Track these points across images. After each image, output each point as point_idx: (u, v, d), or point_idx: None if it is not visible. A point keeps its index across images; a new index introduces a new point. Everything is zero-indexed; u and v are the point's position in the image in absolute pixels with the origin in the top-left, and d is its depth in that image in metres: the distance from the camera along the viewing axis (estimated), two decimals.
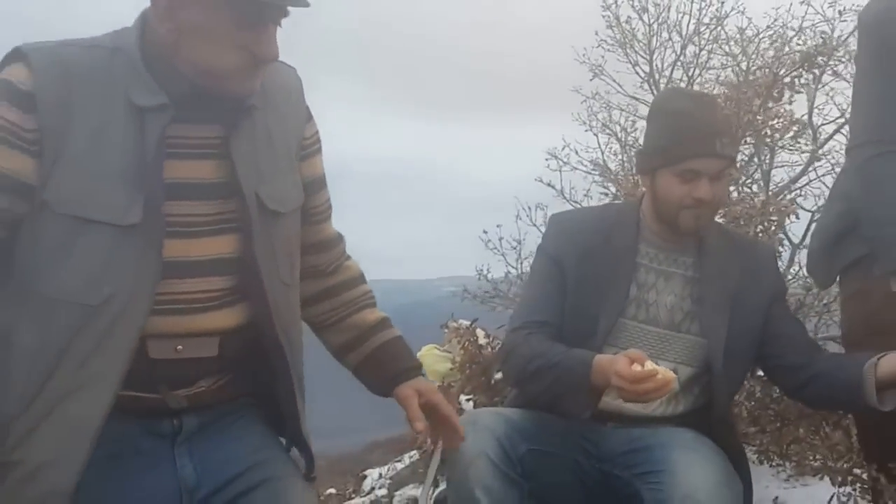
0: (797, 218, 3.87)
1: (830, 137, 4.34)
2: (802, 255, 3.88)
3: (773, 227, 3.68)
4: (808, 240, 3.78)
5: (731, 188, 3.93)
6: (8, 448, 1.74)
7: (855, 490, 2.95)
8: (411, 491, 4.16)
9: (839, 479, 2.99)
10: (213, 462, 1.88)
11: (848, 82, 3.96)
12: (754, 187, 4.42)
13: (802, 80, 4.06)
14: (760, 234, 3.57)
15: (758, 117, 3.84)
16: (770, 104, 3.87)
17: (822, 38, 4.26)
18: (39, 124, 1.72)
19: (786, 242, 4.05)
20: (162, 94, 1.77)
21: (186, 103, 1.79)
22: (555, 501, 2.54)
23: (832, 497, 3.01)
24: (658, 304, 2.59)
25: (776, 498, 3.25)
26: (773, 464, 3.44)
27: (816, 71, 4.16)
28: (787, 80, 4.00)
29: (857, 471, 2.95)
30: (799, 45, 4.41)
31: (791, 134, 4.29)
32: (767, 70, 4.14)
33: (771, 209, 3.53)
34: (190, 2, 1.74)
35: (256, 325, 1.89)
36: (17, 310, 1.75)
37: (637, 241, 2.63)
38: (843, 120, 4.17)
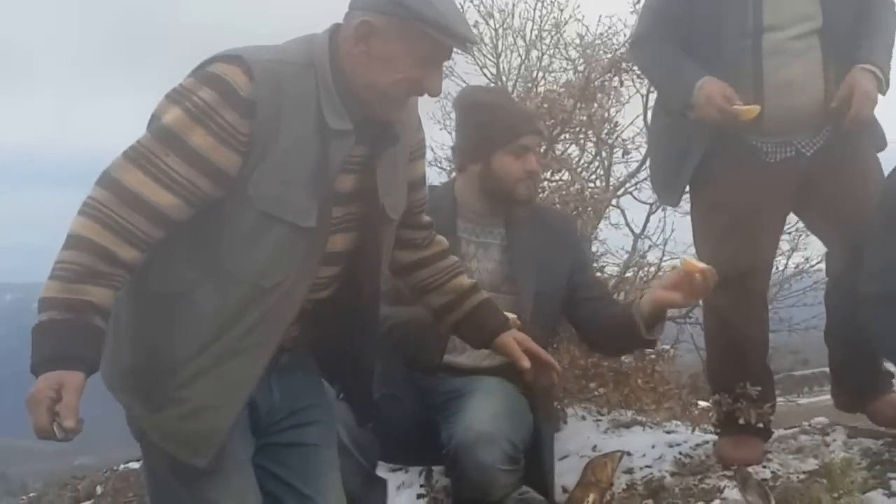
0: (616, 206, 4.43)
1: None
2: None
3: (590, 212, 4.19)
4: (647, 230, 4.50)
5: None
6: (175, 385, 2.07)
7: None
8: None
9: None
10: (290, 392, 2.34)
11: None
12: (597, 182, 4.89)
13: (614, 84, 4.54)
14: (579, 218, 4.07)
15: (573, 116, 4.30)
16: (583, 105, 4.34)
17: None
18: (252, 130, 2.02)
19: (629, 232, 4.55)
20: (348, 120, 2.11)
21: (357, 126, 2.13)
22: (401, 445, 2.99)
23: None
24: (480, 270, 3.11)
25: (595, 446, 3.73)
26: (595, 419, 3.97)
27: (624, 75, 4.67)
28: (597, 83, 4.49)
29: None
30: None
31: (606, 131, 4.78)
32: (580, 74, 4.62)
33: (587, 194, 4.03)
34: (388, 31, 2.05)
35: (360, 299, 2.31)
36: (203, 275, 2.08)
37: (455, 219, 3.10)
38: None
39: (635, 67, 4.53)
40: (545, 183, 4.22)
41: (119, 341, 2.09)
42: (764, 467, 3.33)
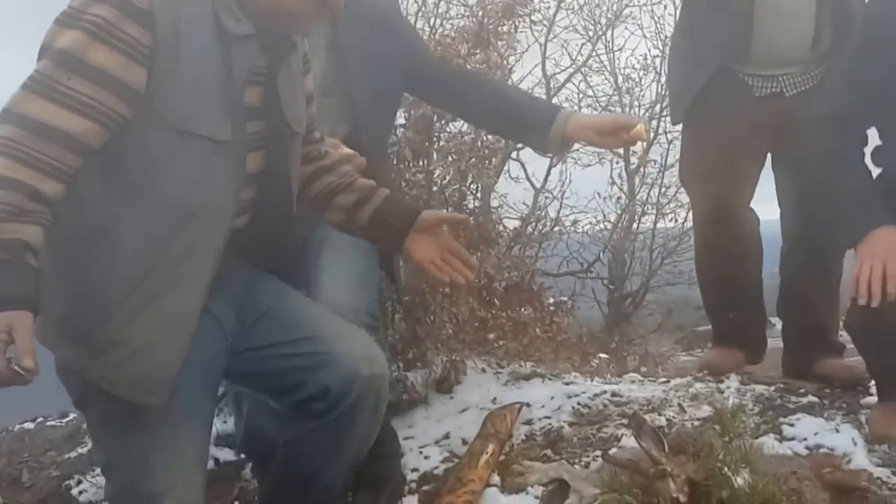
0: (516, 160, 4.41)
1: (562, 86, 4.80)
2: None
3: (485, 164, 4.16)
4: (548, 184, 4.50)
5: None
6: (111, 329, 1.99)
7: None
8: None
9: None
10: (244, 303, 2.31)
11: (581, 35, 4.49)
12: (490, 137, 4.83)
13: (504, 29, 4.50)
14: (473, 168, 4.03)
15: (468, 62, 4.25)
16: (478, 50, 4.29)
17: None
18: (153, 42, 1.94)
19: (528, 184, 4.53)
20: (248, 24, 2.07)
21: (259, 35, 2.09)
22: None
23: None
24: None
25: (495, 399, 3.72)
26: (495, 371, 3.96)
27: (516, 21, 4.64)
28: (491, 27, 4.43)
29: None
30: None
31: (501, 77, 4.71)
32: (474, 19, 4.57)
33: (479, 144, 4.00)
34: None
35: (276, 224, 2.29)
36: (122, 208, 1.98)
37: None
38: (572, 69, 4.61)
39: (531, 15, 4.52)
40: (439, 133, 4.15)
41: (47, 290, 1.94)
42: (660, 415, 3.38)
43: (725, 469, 2.43)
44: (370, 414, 2.33)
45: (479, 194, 4.42)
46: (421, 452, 3.43)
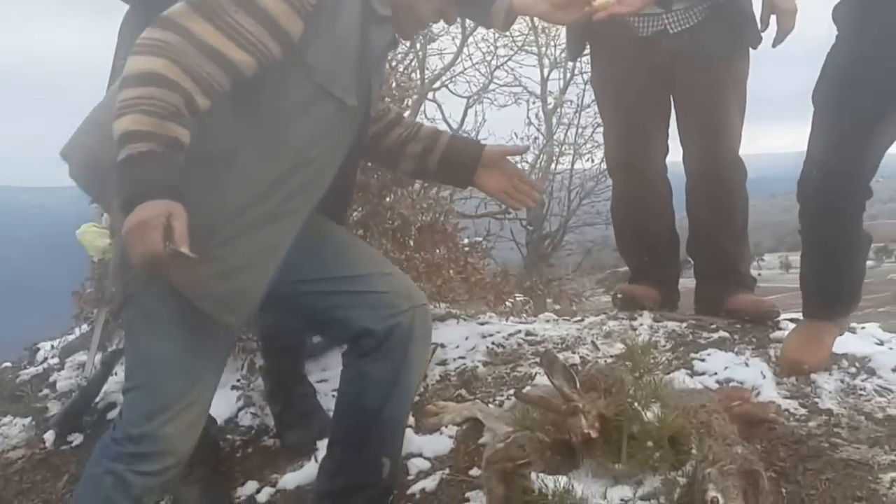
0: (433, 100, 4.38)
1: (474, 30, 4.76)
2: None
3: (398, 103, 4.11)
4: (464, 125, 4.44)
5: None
6: (211, 245, 2.09)
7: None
8: (81, 357, 4.30)
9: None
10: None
11: None
12: (413, 75, 4.83)
13: None
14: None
15: None
16: None
17: None
18: (318, 3, 2.16)
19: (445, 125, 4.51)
20: (389, 7, 2.33)
21: None
22: None
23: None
24: None
25: None
26: None
27: None
28: None
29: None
30: None
31: None
32: None
33: (393, 84, 3.94)
34: None
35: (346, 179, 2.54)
36: (246, 139, 2.15)
37: None
38: None
39: None
40: None
41: None
42: (574, 353, 3.41)
43: (636, 404, 2.45)
44: (419, 343, 2.53)
45: None
46: (334, 395, 3.39)
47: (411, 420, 3.10)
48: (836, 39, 2.78)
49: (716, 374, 3.14)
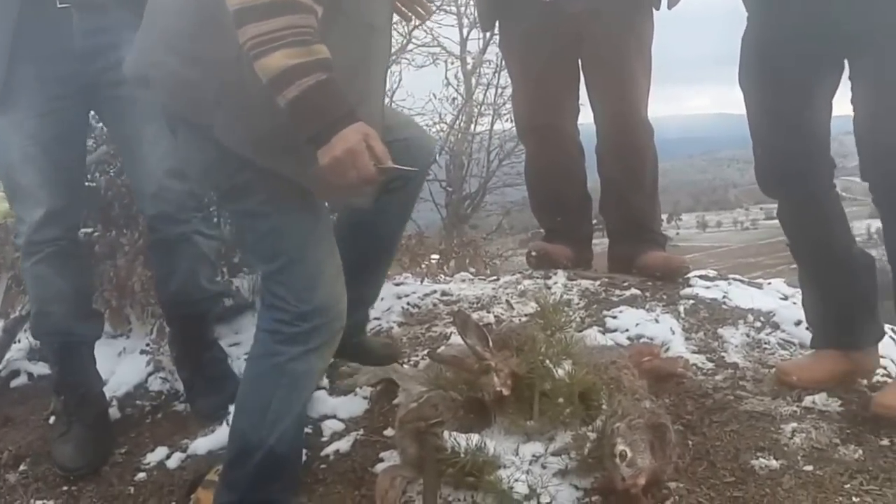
0: None
1: None
2: None
3: None
4: None
5: None
6: None
7: None
8: None
9: None
10: None
11: None
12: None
13: None
14: None
15: None
16: None
17: None
18: None
19: None
20: None
21: None
22: None
23: None
24: None
25: None
26: None
27: None
28: None
29: None
30: None
31: None
32: None
33: None
34: None
35: None
36: (331, 25, 2.06)
37: None
38: None
39: None
40: None
41: (253, 106, 2.05)
42: (488, 312, 3.44)
43: (547, 362, 2.49)
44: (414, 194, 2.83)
45: None
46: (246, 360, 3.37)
47: (325, 382, 3.08)
48: (748, 22, 2.77)
49: (627, 330, 3.19)
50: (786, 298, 3.48)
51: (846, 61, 2.58)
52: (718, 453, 2.50)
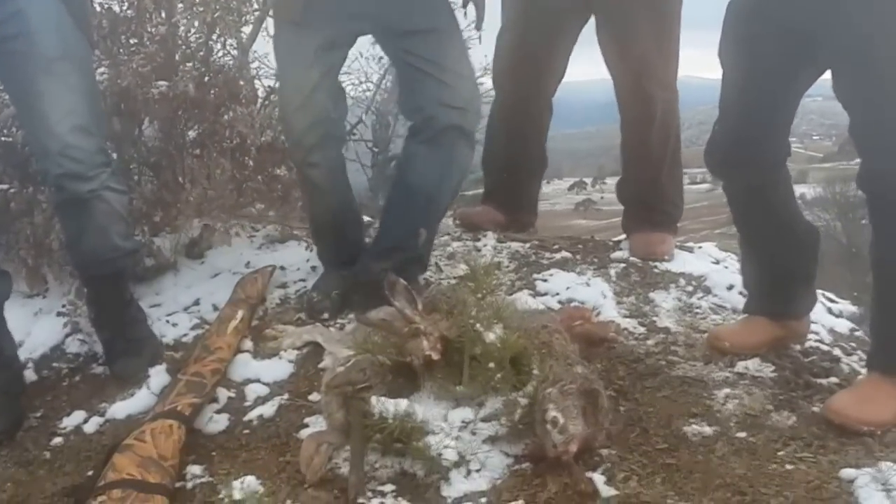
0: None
1: None
2: None
3: (235, 15, 3.91)
4: None
5: None
6: None
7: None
8: None
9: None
10: None
11: None
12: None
13: None
14: (220, 21, 3.79)
15: None
16: None
17: None
18: None
19: None
20: None
21: None
22: None
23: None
24: None
25: (248, 263, 3.64)
26: (249, 234, 3.82)
27: None
28: None
29: None
30: None
31: None
32: None
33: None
34: None
35: None
36: None
37: None
38: None
39: None
40: None
41: None
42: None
43: (478, 325, 2.42)
44: (465, 147, 3.06)
45: (233, 52, 4.13)
46: (168, 321, 3.27)
47: (249, 345, 3.00)
48: None
49: (558, 294, 3.15)
50: (717, 262, 3.47)
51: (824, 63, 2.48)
52: (651, 420, 2.47)
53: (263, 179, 3.87)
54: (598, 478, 2.19)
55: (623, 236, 3.65)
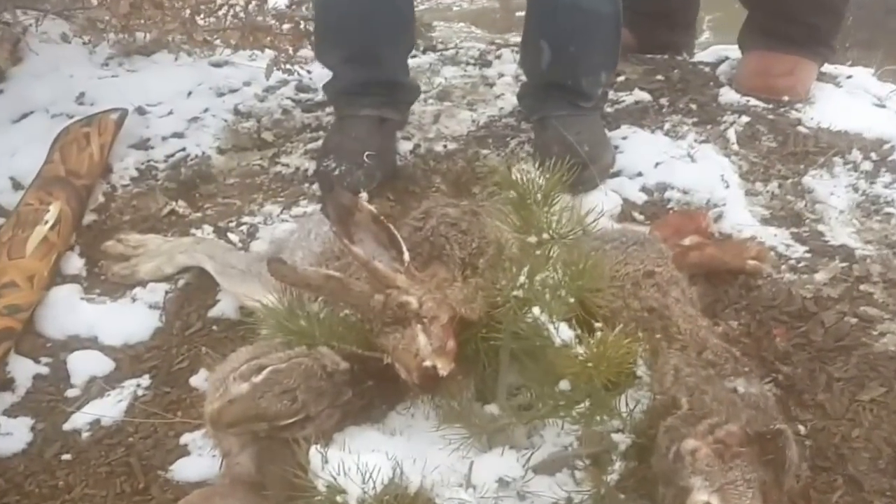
0: None
1: None
2: None
3: None
4: None
5: None
6: None
7: None
8: None
9: None
10: None
11: None
12: None
13: None
14: None
15: None
16: None
17: None
18: None
19: None
20: None
21: None
22: None
23: None
24: None
25: (83, 94, 2.45)
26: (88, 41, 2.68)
27: None
28: None
29: None
30: None
31: None
32: None
33: None
34: None
35: None
36: None
37: None
38: None
39: None
40: None
41: None
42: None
43: (535, 308, 1.33)
44: None
45: None
46: None
47: (77, 267, 2.01)
48: None
49: (640, 175, 1.96)
50: (881, 105, 2.46)
51: None
52: (859, 457, 1.44)
53: None
54: None
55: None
